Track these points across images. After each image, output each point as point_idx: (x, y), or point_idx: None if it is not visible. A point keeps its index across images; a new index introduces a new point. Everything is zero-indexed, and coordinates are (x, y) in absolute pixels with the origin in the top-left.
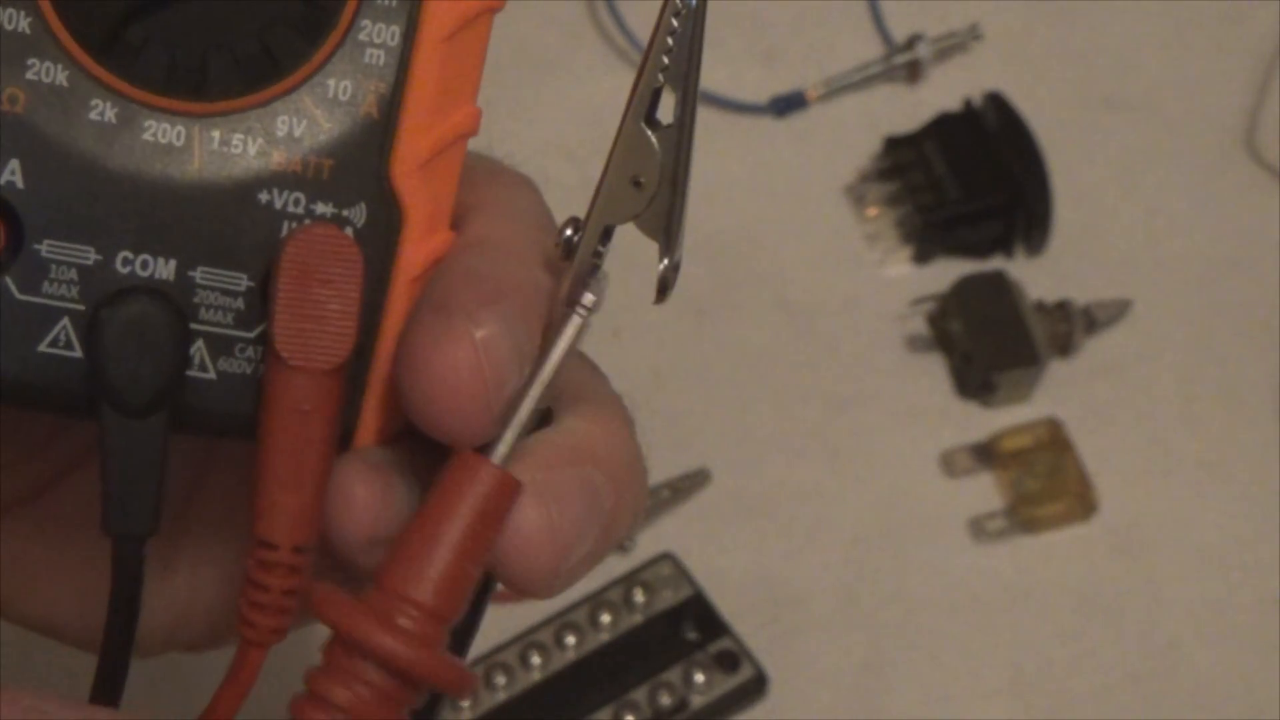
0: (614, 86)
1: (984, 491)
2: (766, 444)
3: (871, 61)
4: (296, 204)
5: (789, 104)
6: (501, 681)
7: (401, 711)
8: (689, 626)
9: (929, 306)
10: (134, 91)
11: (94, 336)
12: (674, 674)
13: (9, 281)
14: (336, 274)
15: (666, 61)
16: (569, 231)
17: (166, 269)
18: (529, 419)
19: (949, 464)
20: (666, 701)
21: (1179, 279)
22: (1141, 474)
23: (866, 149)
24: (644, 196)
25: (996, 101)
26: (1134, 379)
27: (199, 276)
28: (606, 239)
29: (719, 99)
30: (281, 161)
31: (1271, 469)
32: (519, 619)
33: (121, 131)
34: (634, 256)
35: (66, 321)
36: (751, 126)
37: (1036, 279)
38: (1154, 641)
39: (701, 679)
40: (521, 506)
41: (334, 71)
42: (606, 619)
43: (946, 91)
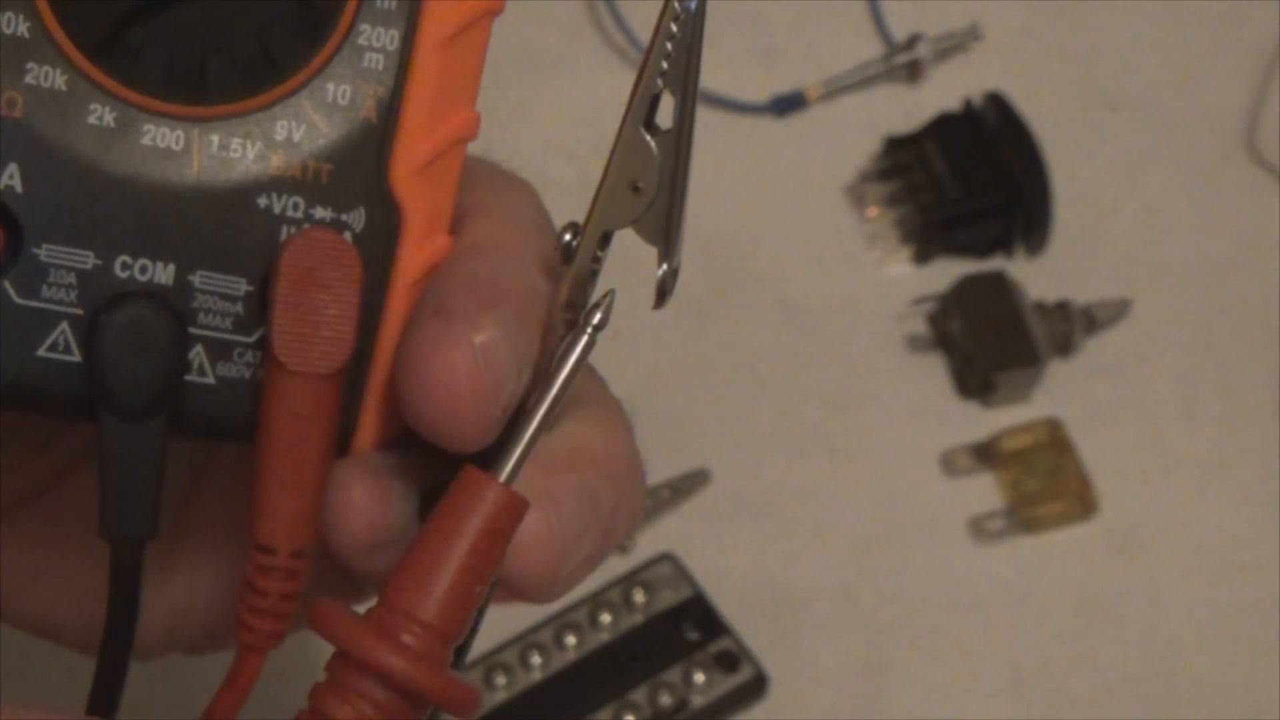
0: (614, 86)
1: (984, 491)
2: (766, 444)
3: (871, 61)
4: (295, 208)
5: (789, 104)
6: (501, 681)
7: None
8: (689, 626)
9: (929, 306)
10: (133, 95)
11: (93, 341)
12: (674, 674)
13: (8, 285)
14: (335, 279)
15: (665, 66)
16: (568, 236)
17: (165, 273)
18: (535, 437)
19: (949, 464)
20: (666, 701)
21: (1179, 279)
22: (1141, 474)
23: (866, 149)
24: (643, 201)
25: (996, 101)
26: (1134, 379)
27: (198, 281)
28: (605, 244)
29: (719, 99)
30: (280, 166)
31: (1271, 469)
32: (519, 619)
33: (120, 135)
34: (633, 257)
35: (65, 325)
36: (751, 126)
37: (1036, 279)
38: (1154, 641)
39: (701, 679)
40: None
41: (333, 75)
42: (606, 619)
43: (946, 91)
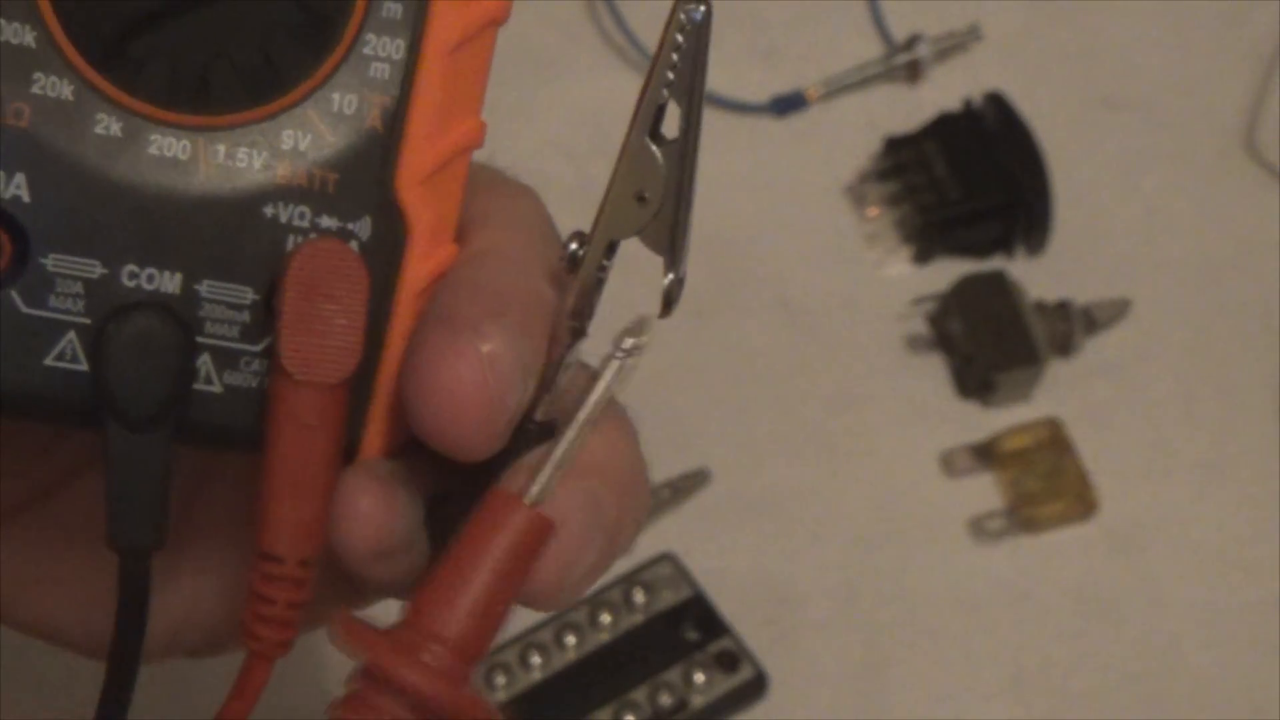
0: (614, 86)
1: (984, 491)
2: (766, 444)
3: (871, 61)
4: (301, 217)
5: (789, 104)
6: (501, 681)
7: None
8: (689, 626)
9: (929, 306)
10: (139, 105)
11: (100, 350)
12: (674, 674)
13: (15, 295)
14: (342, 289)
15: (671, 76)
16: (574, 245)
17: (172, 282)
18: (566, 458)
19: (949, 464)
20: (666, 701)
21: (1179, 279)
22: (1141, 474)
23: (866, 149)
24: (648, 211)
25: (996, 101)
26: (1134, 379)
27: (204, 290)
28: (611, 253)
29: (719, 99)
30: (286, 175)
31: (1271, 469)
32: (519, 619)
33: (127, 145)
34: (633, 257)
35: (72, 335)
36: (751, 126)
37: (1036, 279)
38: (1154, 641)
39: (701, 679)
40: None
41: (339, 85)
42: (606, 619)
43: (946, 91)
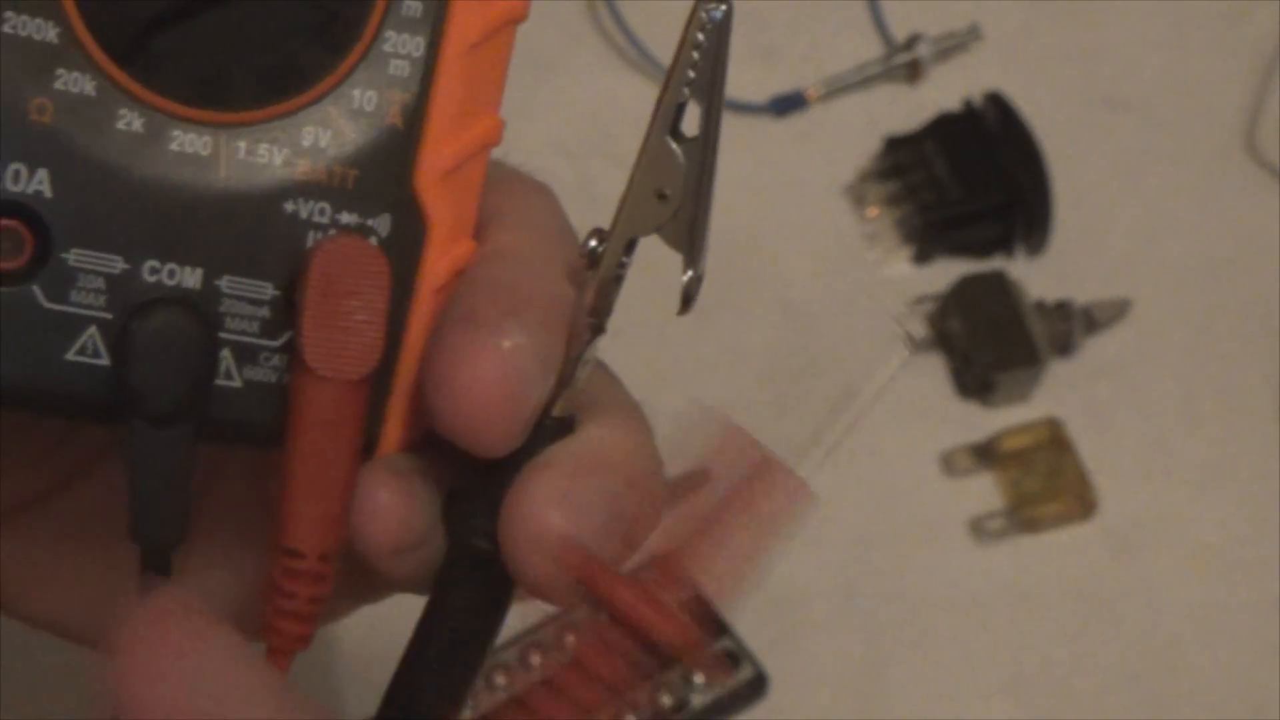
0: (614, 87)
1: (984, 491)
2: (766, 444)
3: (871, 61)
4: (322, 214)
5: (789, 104)
6: (501, 682)
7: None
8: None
9: (929, 306)
10: (161, 101)
11: (123, 346)
12: (674, 674)
13: (37, 290)
14: (364, 286)
15: (691, 75)
16: (593, 242)
17: (193, 278)
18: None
19: (949, 464)
20: (666, 701)
21: (1179, 279)
22: (1141, 474)
23: (866, 149)
24: (668, 209)
25: (996, 101)
26: (1134, 379)
27: (225, 285)
28: (630, 250)
29: None
30: (307, 171)
31: (1271, 469)
32: (519, 619)
33: (148, 141)
34: (650, 254)
35: (94, 330)
36: (751, 126)
37: (1036, 279)
38: (1154, 641)
39: (701, 679)
40: (545, 515)
41: (359, 81)
42: None
43: (946, 91)
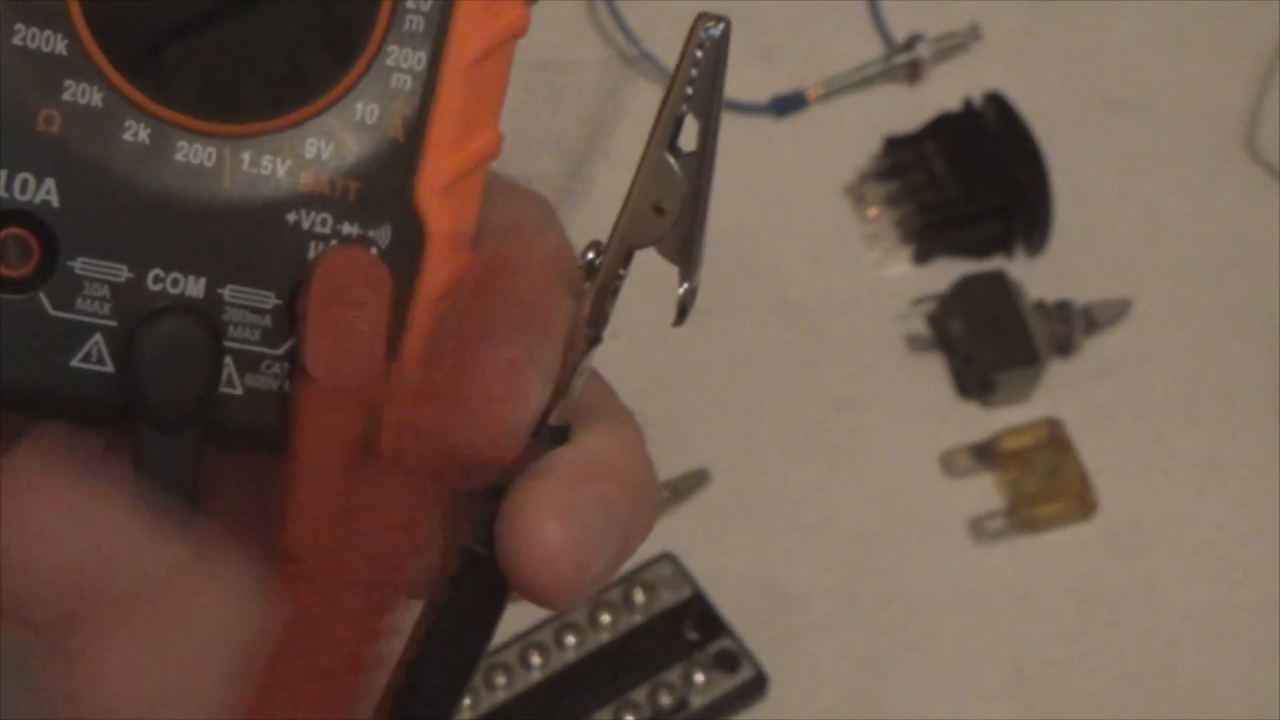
0: (613, 86)
1: (984, 491)
2: (766, 444)
3: (871, 61)
4: (324, 224)
5: (789, 104)
6: (501, 681)
7: None
8: (689, 626)
9: (929, 306)
10: (167, 113)
11: (133, 353)
12: (674, 674)
13: (43, 297)
14: (367, 296)
15: (690, 91)
16: (591, 254)
17: (196, 286)
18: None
19: (949, 464)
20: (666, 701)
21: (1179, 279)
22: (1141, 474)
23: (866, 149)
24: (665, 222)
25: (996, 101)
26: (1134, 379)
27: (228, 294)
28: (627, 262)
29: None
30: (310, 183)
31: (1271, 469)
32: (519, 619)
33: (154, 152)
34: (645, 266)
35: (99, 337)
36: (751, 126)
37: (1036, 279)
38: (1153, 641)
39: (701, 679)
40: (545, 522)
41: (362, 95)
42: (606, 619)
43: (946, 91)
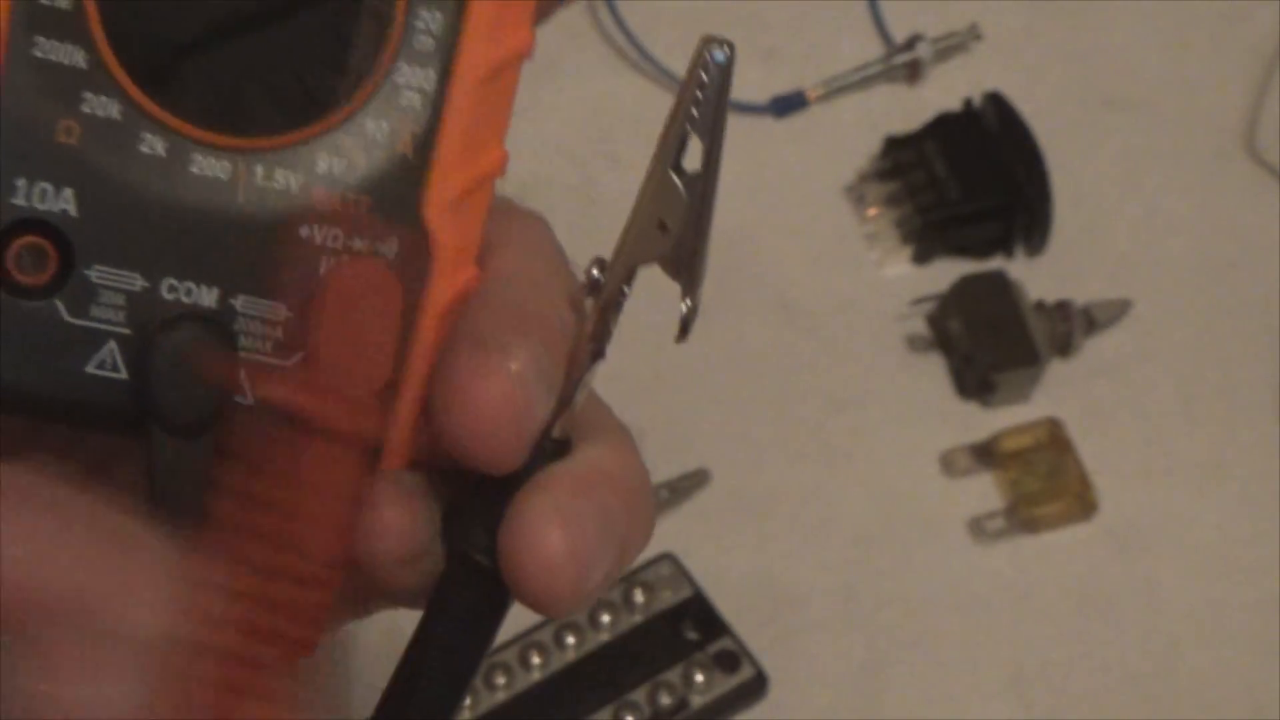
0: (614, 86)
1: (984, 491)
2: (766, 444)
3: (871, 61)
4: (334, 239)
5: (789, 104)
6: (501, 681)
7: None
8: (689, 626)
9: (929, 306)
10: (183, 126)
11: (148, 360)
12: (674, 674)
13: (59, 304)
14: (376, 308)
15: (695, 112)
16: (595, 271)
17: (209, 297)
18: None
19: (949, 464)
20: (666, 701)
21: (1179, 279)
22: (1141, 474)
23: (866, 149)
24: (669, 239)
25: (996, 101)
26: (1134, 379)
27: (240, 305)
28: (631, 278)
29: None
30: (321, 197)
31: (1271, 469)
32: (519, 619)
33: (170, 165)
34: (645, 282)
35: (113, 344)
36: (751, 126)
37: (1036, 279)
38: (1154, 641)
39: (701, 679)
40: (548, 531)
41: (372, 112)
42: (606, 619)
43: (946, 91)
